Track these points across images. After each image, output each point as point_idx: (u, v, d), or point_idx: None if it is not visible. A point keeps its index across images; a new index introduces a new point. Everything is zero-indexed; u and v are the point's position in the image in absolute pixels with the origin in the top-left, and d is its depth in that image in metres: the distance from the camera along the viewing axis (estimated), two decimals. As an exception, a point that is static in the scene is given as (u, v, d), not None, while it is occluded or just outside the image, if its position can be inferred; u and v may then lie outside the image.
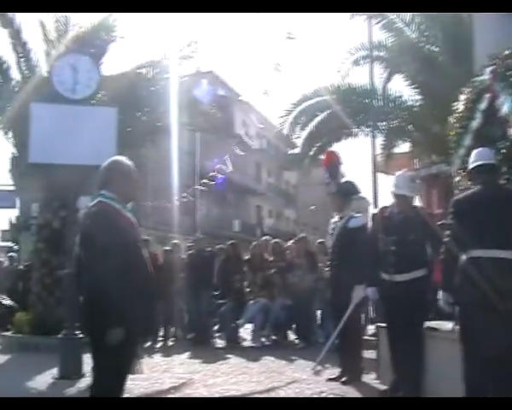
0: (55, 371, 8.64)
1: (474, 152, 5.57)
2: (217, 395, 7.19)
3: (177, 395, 7.34)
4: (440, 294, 5.61)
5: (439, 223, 10.36)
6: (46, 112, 9.01)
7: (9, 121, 12.73)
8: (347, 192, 8.28)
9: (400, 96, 14.98)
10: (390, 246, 7.05)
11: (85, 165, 8.96)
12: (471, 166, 5.46)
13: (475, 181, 5.44)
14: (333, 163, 8.51)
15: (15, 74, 13.24)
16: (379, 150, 16.29)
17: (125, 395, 6.70)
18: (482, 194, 5.27)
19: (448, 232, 5.36)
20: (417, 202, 7.76)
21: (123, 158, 4.98)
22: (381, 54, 15.10)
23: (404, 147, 17.19)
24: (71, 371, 8.46)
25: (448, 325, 6.74)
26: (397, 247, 6.98)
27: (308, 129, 16.46)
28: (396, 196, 7.12)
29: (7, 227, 27.12)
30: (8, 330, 12.93)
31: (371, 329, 11.53)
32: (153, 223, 31.83)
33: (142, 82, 13.78)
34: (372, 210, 8.47)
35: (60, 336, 8.95)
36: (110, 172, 4.78)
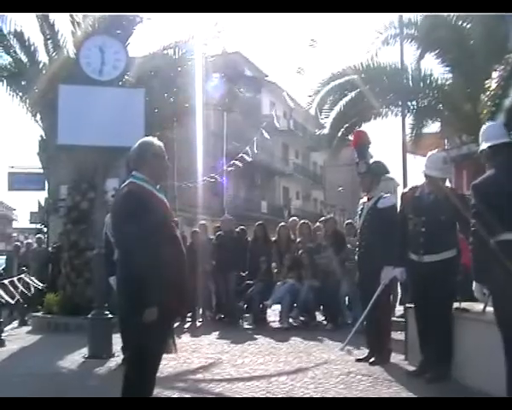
0: (84, 351, 8.75)
1: (485, 128, 5.43)
2: (245, 375, 7.20)
3: (205, 374, 7.36)
4: (474, 285, 5.48)
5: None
6: (74, 94, 9.04)
7: (37, 104, 12.80)
8: (377, 172, 8.17)
9: (431, 75, 14.72)
10: (420, 227, 7.00)
11: (113, 146, 9.00)
12: (485, 145, 5.28)
13: (492, 162, 5.23)
14: (362, 143, 8.40)
15: (42, 56, 13.32)
16: (408, 131, 16.09)
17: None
18: (503, 176, 5.03)
19: (475, 218, 5.19)
20: (448, 183, 7.64)
21: (154, 139, 4.98)
22: (412, 32, 14.85)
23: (433, 127, 16.95)
24: (100, 351, 8.59)
25: (479, 307, 6.70)
26: (426, 228, 6.92)
27: (336, 109, 16.30)
28: (427, 176, 7.05)
29: (36, 209, 27.29)
30: (38, 311, 13.11)
31: (400, 310, 11.46)
32: (180, 205, 31.92)
33: (168, 63, 13.74)
34: (401, 191, 8.39)
35: (89, 316, 9.05)
36: (141, 153, 4.79)
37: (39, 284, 13.92)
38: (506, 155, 5.16)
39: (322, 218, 14.41)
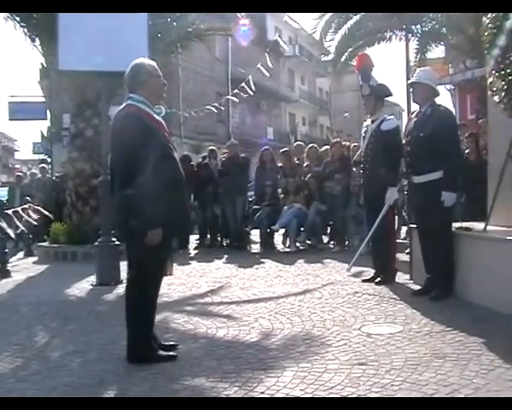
0: (92, 279, 8.85)
1: None
2: (253, 298, 7.29)
3: (214, 297, 7.45)
4: None
5: (468, 134, 10.28)
6: (74, 18, 8.82)
7: (36, 28, 12.52)
8: (380, 94, 8.11)
9: (435, -2, 14.47)
10: (406, 146, 7.18)
11: (117, 71, 8.86)
12: None
13: None
14: (365, 66, 8.30)
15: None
16: (412, 56, 15.92)
17: (164, 300, 6.94)
18: None
19: None
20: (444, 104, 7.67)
21: (145, 59, 4.98)
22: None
23: (437, 52, 16.76)
24: (109, 278, 8.66)
25: (480, 226, 6.77)
26: (410, 147, 7.00)
27: (341, 32, 16.10)
28: (414, 84, 7.09)
29: (38, 140, 27.21)
30: (44, 241, 13.16)
31: (404, 231, 11.52)
32: (186, 132, 31.83)
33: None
34: (406, 116, 8.45)
35: (96, 243, 9.10)
36: (135, 75, 4.81)
37: (45, 212, 13.92)
38: None
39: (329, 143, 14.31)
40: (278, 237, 13.14)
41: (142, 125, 4.57)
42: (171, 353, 4.94)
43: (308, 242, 12.51)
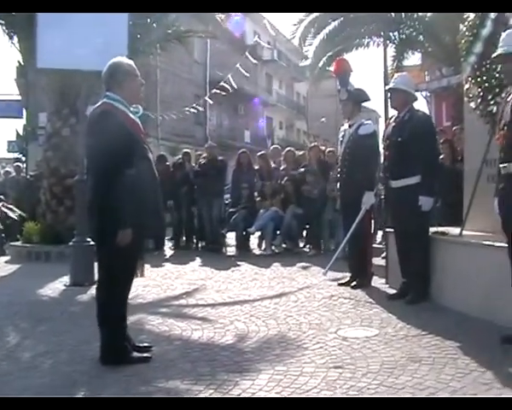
0: (66, 279, 8.73)
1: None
2: (229, 300, 7.25)
3: (188, 300, 7.40)
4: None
5: (443, 140, 10.35)
6: (53, 18, 8.73)
7: (14, 24, 12.36)
8: (358, 99, 8.13)
9: (412, 5, 14.63)
10: (384, 150, 7.24)
11: (95, 70, 8.78)
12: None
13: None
14: (343, 70, 8.33)
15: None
16: (389, 62, 16.03)
17: (138, 301, 6.88)
18: None
19: None
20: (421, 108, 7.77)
21: (123, 58, 4.94)
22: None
23: (414, 59, 16.90)
24: (83, 278, 8.52)
25: (456, 230, 6.81)
26: (388, 151, 7.04)
27: (319, 37, 16.16)
28: (392, 90, 7.15)
29: (13, 138, 26.94)
30: (17, 241, 12.94)
31: (380, 236, 11.56)
32: (163, 134, 31.72)
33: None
34: (382, 122, 8.53)
35: (71, 243, 9.00)
36: (112, 73, 4.76)
37: (18, 211, 13.74)
38: None
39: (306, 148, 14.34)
40: (254, 240, 13.11)
41: (115, 123, 4.52)
42: (145, 354, 4.88)
43: (284, 245, 12.51)
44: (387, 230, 7.99)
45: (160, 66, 30.83)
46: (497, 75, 5.89)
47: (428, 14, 14.68)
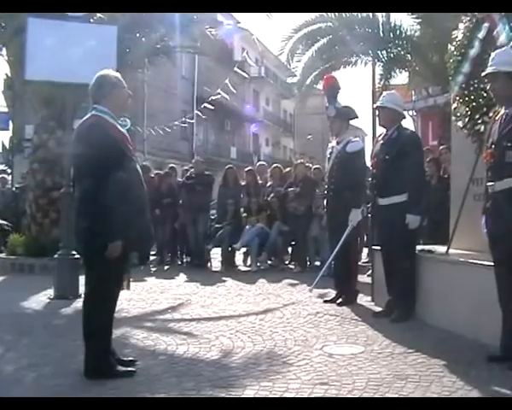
0: (50, 292, 8.66)
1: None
2: (214, 316, 7.22)
3: (174, 314, 7.36)
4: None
5: (429, 159, 10.41)
6: (44, 27, 8.70)
7: (3, 37, 12.34)
8: (346, 116, 8.17)
9: (400, 26, 14.80)
10: (372, 168, 7.27)
11: (84, 83, 8.75)
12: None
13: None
14: (332, 87, 8.36)
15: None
16: (377, 81, 16.13)
17: (123, 315, 6.83)
18: None
19: None
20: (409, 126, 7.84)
21: (110, 71, 4.95)
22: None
23: (401, 78, 17.01)
24: (67, 291, 8.48)
25: (442, 248, 6.83)
26: (376, 169, 7.05)
27: (308, 54, 16.23)
28: (380, 108, 7.17)
29: (-1, 150, 26.86)
30: (1, 252, 12.86)
31: (366, 254, 11.56)
32: (149, 148, 31.70)
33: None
34: (369, 141, 8.64)
35: (56, 256, 8.94)
36: (100, 86, 4.78)
37: (3, 223, 13.63)
38: None
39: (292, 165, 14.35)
40: (239, 256, 13.09)
41: (107, 136, 4.52)
42: (129, 368, 4.84)
43: (269, 262, 12.49)
44: (374, 247, 8.00)
45: (148, 80, 30.87)
46: (485, 95, 5.94)
47: (416, 33, 14.84)
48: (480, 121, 6.08)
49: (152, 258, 13.16)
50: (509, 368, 4.62)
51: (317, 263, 11.44)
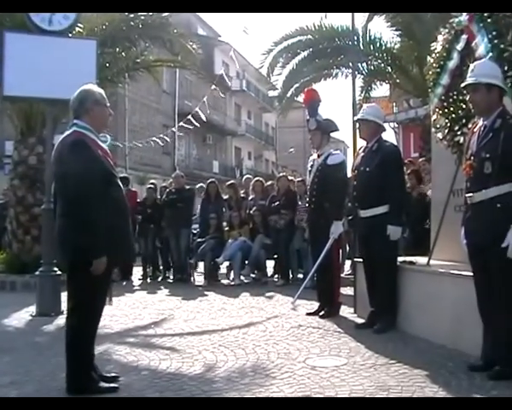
0: (32, 309, 8.60)
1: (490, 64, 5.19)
2: (197, 330, 7.21)
3: (156, 329, 7.34)
4: None
5: (410, 170, 10.48)
6: (22, 42, 8.64)
7: None
8: (327, 129, 8.20)
9: (380, 38, 14.95)
10: (353, 180, 7.30)
11: (64, 99, 8.73)
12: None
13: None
14: (313, 100, 8.39)
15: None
16: (357, 93, 16.27)
17: (106, 331, 6.80)
18: None
19: None
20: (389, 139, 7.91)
21: (94, 86, 4.94)
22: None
23: (382, 90, 17.18)
24: (49, 309, 8.43)
25: (424, 260, 6.88)
26: (357, 181, 7.11)
27: (288, 67, 16.33)
28: (361, 121, 7.24)
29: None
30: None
31: (348, 266, 11.59)
32: (131, 163, 31.64)
33: (121, 17, 13.41)
34: (351, 153, 8.68)
35: (37, 273, 8.88)
36: (82, 101, 4.75)
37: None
38: None
39: (274, 178, 14.39)
40: (222, 270, 13.07)
41: (88, 152, 4.51)
42: (112, 384, 4.81)
43: (252, 275, 12.49)
44: (356, 259, 8.04)
45: (129, 95, 30.87)
46: (464, 106, 6.00)
47: (396, 45, 14.99)
48: (459, 133, 6.14)
49: (134, 273, 13.13)
50: (489, 377, 4.66)
51: (300, 276, 11.45)
